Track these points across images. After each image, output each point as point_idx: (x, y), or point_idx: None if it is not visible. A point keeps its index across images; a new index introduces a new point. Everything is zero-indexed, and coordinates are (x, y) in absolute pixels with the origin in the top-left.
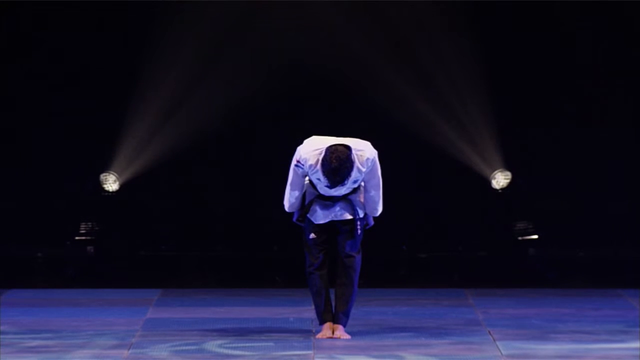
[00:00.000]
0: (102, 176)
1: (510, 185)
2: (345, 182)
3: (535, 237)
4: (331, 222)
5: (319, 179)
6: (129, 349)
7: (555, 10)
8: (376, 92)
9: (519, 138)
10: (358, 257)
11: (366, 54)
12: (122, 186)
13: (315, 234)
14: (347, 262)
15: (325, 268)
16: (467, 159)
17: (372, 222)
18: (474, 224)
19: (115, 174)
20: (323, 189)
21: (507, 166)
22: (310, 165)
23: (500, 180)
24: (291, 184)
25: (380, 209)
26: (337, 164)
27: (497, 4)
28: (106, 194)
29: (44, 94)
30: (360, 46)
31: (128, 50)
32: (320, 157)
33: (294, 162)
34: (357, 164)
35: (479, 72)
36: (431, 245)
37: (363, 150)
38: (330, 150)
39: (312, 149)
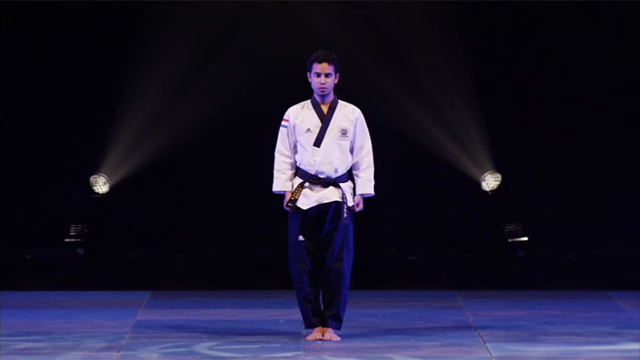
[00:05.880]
0: (92, 178)
1: (500, 187)
2: (334, 60)
3: (525, 239)
4: (318, 219)
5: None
6: (118, 351)
7: (544, 11)
8: (364, 94)
9: (508, 140)
10: (347, 262)
11: (354, 55)
12: (112, 188)
13: (303, 236)
14: (335, 267)
15: (314, 272)
16: (457, 161)
17: (361, 206)
18: (463, 226)
19: (105, 176)
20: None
21: (497, 168)
22: (297, 114)
23: (490, 182)
24: (278, 151)
25: (372, 187)
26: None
27: (486, 5)
28: (96, 196)
29: (33, 96)
30: (349, 48)
31: (116, 53)
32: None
33: (281, 125)
34: (344, 110)
35: (468, 74)
36: (421, 247)
37: (348, 104)
38: None
39: (296, 105)
